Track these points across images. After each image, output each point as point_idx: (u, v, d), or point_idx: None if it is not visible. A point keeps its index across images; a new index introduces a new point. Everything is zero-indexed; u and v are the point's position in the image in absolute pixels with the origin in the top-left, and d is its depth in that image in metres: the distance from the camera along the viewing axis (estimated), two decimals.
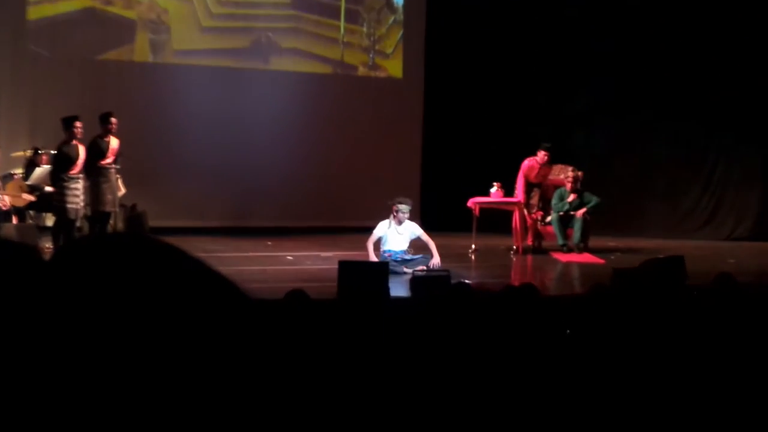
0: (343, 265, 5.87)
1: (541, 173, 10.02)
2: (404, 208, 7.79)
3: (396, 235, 7.83)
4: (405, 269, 7.57)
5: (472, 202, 9.65)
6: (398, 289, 6.32)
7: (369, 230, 7.97)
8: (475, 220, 9.66)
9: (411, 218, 8.06)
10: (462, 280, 4.94)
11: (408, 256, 7.81)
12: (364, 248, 7.82)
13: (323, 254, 9.01)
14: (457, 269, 7.38)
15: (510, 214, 9.96)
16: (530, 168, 9.90)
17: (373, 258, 7.56)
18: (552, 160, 10.03)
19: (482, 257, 9.38)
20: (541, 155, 9.88)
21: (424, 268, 7.52)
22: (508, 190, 9.86)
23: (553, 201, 9.92)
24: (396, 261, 7.64)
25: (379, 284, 5.52)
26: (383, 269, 5.93)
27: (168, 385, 0.66)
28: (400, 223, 7.80)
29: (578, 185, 9.92)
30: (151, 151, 11.34)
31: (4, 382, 0.64)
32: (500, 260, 9.31)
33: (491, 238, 10.82)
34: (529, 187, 9.99)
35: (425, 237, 7.85)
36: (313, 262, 8.48)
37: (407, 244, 7.91)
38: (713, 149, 12.25)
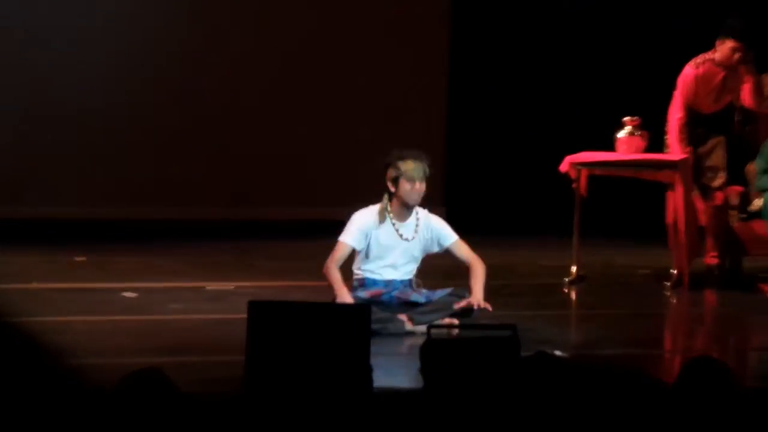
0: (257, 310, 5.89)
1: (728, 89, 10.12)
2: (412, 171, 7.80)
3: (396, 242, 8.00)
4: (407, 323, 7.81)
5: (569, 163, 9.80)
6: (393, 369, 6.53)
7: (330, 229, 8.06)
8: (578, 207, 9.89)
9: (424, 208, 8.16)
10: (546, 350, 5.07)
11: (418, 295, 7.99)
12: (317, 275, 8.06)
13: (211, 287, 9.40)
14: (533, 323, 7.66)
15: (660, 191, 10.05)
16: (701, 81, 10.01)
17: (344, 297, 7.78)
18: (757, 61, 10.12)
19: (594, 294, 9.62)
20: (726, 49, 9.92)
21: (455, 321, 7.74)
22: (656, 140, 9.94)
23: (760, 163, 10.02)
24: (390, 303, 7.89)
25: (347, 357, 5.55)
26: (360, 318, 5.98)
27: None
28: (408, 206, 7.91)
29: None
30: None
31: None
32: (639, 301, 9.52)
33: (614, 250, 10.96)
34: (704, 129, 10.11)
35: (464, 249, 8.13)
36: (186, 303, 8.82)
37: (416, 264, 8.18)
38: None
